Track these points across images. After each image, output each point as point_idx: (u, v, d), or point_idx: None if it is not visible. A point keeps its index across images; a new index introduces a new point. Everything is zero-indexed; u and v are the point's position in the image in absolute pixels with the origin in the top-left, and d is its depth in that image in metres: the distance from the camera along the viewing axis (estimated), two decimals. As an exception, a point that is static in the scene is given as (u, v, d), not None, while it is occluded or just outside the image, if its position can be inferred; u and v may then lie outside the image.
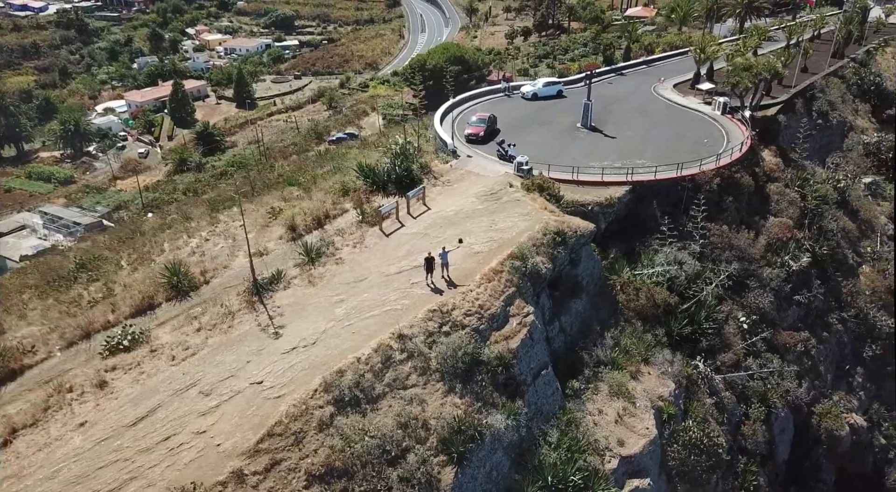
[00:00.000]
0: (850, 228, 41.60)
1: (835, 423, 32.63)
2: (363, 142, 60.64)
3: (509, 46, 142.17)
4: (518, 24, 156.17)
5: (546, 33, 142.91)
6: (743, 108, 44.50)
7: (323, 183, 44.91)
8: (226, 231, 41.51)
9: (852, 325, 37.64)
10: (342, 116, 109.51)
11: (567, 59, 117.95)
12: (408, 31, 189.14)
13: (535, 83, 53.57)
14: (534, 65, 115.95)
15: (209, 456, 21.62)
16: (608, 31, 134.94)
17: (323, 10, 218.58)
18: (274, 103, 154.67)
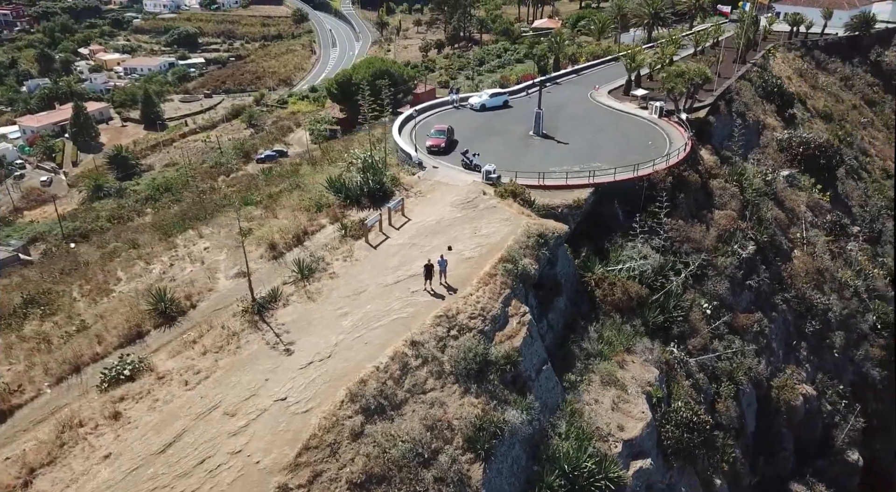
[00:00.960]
0: (781, 216, 45.90)
1: (790, 394, 36.03)
2: (311, 158, 60.62)
3: (424, 59, 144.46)
4: (430, 37, 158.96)
5: (458, 45, 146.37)
6: (678, 112, 48.26)
7: (285, 200, 45.01)
8: (191, 255, 41.06)
9: (794, 304, 41.58)
10: (266, 134, 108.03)
11: (484, 71, 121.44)
12: (319, 46, 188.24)
13: (481, 95, 55.66)
14: (453, 77, 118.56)
15: (251, 474, 21.82)
16: (518, 42, 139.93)
17: (227, 27, 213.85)
18: (186, 123, 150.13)
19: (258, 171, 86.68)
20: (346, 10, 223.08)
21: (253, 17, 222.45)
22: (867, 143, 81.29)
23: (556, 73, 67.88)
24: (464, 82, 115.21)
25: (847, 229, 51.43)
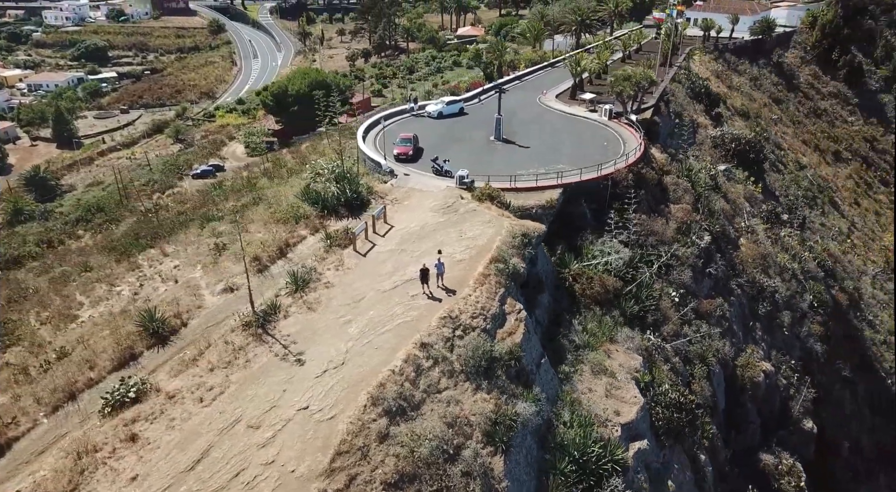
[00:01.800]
0: (726, 208, 49.35)
1: (753, 372, 38.94)
2: (266, 171, 60.01)
3: (352, 68, 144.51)
4: (355, 46, 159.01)
5: (385, 54, 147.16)
6: (627, 113, 51.05)
7: (253, 214, 44.76)
8: (160, 274, 40.47)
9: (746, 288, 44.86)
10: (198, 149, 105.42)
11: (415, 78, 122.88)
12: (239, 57, 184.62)
13: (438, 103, 56.84)
14: (384, 85, 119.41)
15: (289, 483, 22.12)
16: (445, 50, 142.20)
17: (139, 39, 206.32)
18: (103, 141, 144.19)
19: (198, 186, 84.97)
20: (264, 21, 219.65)
21: (165, 28, 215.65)
22: (780, 137, 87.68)
23: (502, 79, 70.01)
24: (398, 90, 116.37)
25: (781, 217, 55.85)
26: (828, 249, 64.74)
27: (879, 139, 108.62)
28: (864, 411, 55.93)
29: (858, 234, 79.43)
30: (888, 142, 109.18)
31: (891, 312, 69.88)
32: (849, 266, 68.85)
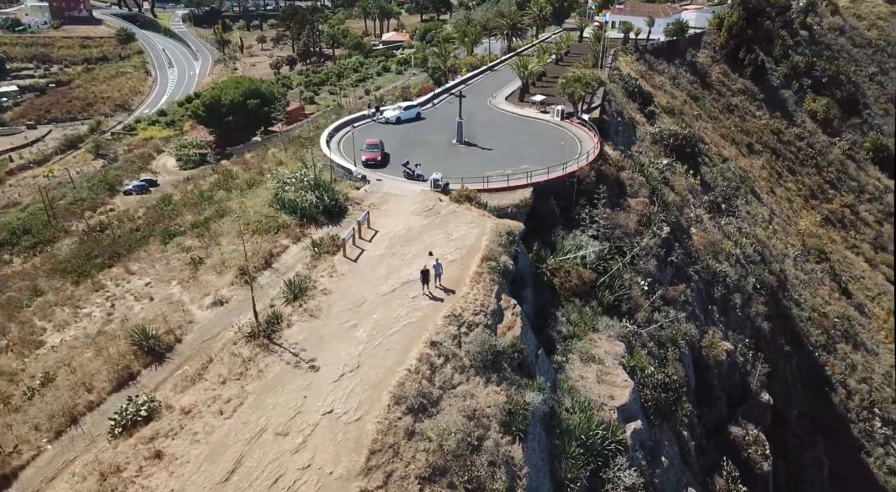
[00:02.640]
0: (676, 199, 52.53)
1: (716, 351, 41.85)
2: (221, 183, 58.92)
3: (277, 76, 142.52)
4: (278, 53, 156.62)
5: (310, 61, 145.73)
6: (579, 113, 53.45)
7: (221, 227, 44.22)
8: (132, 291, 39.71)
9: (703, 274, 48.00)
10: (125, 163, 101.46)
11: (345, 85, 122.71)
12: (153, 67, 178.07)
13: (395, 108, 57.47)
14: (315, 93, 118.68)
15: (329, 485, 22.59)
16: (371, 55, 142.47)
17: (40, 50, 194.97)
18: (10, 159, 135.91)
19: (133, 202, 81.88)
20: (177, 29, 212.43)
21: (69, 38, 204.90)
22: (702, 132, 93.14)
23: (450, 83, 71.34)
24: (329, 97, 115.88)
25: (721, 207, 59.87)
26: (756, 235, 69.64)
27: (784, 131, 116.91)
28: (797, 385, 60.68)
29: (778, 220, 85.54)
30: (792, 134, 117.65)
31: (812, 291, 75.80)
32: (773, 250, 74.20)
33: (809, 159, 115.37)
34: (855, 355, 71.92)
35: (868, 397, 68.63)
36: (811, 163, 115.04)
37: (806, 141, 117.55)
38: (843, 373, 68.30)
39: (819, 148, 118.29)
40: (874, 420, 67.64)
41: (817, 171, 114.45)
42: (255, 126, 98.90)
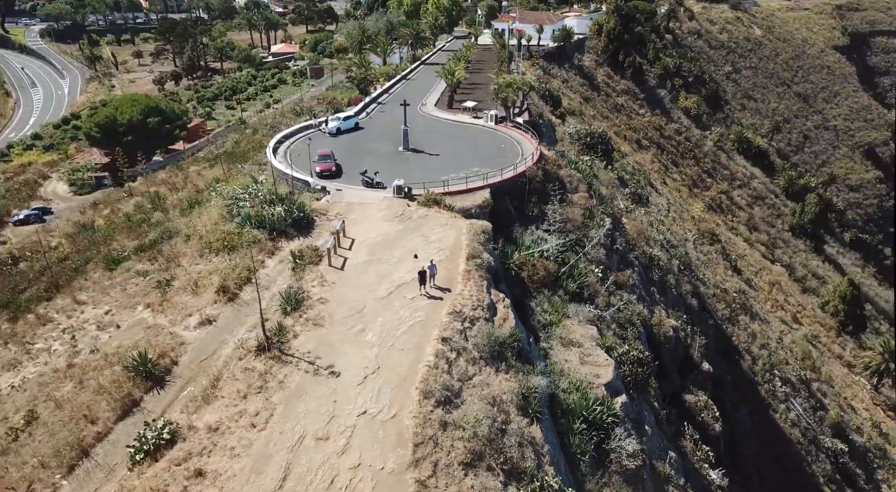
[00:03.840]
0: (605, 193, 56.62)
1: (665, 328, 45.85)
2: (156, 204, 56.62)
3: (162, 92, 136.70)
4: (159, 69, 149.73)
5: (197, 76, 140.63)
6: (512, 117, 56.24)
7: (175, 248, 43.09)
8: (91, 320, 38.43)
9: (641, 259, 52.15)
10: (6, 192, 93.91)
11: (243, 98, 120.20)
12: (13, 88, 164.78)
13: (333, 119, 57.62)
14: (210, 108, 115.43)
15: (384, 479, 23.51)
16: (264, 68, 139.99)
17: None
18: None
19: (29, 232, 76.38)
20: (35, 45, 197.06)
21: None
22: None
23: (375, 93, 72.14)
24: (226, 112, 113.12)
25: (641, 198, 64.84)
26: (662, 222, 75.83)
27: (665, 127, 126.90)
28: (714, 354, 66.95)
29: (674, 208, 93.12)
30: (671, 129, 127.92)
31: (712, 270, 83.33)
32: (676, 235, 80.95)
33: (688, 152, 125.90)
34: (753, 325, 79.83)
35: (768, 361, 76.43)
36: (690, 155, 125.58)
37: (683, 135, 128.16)
38: (746, 341, 75.67)
39: (695, 141, 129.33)
40: (775, 381, 75.47)
41: (696, 162, 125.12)
42: (154, 145, 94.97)
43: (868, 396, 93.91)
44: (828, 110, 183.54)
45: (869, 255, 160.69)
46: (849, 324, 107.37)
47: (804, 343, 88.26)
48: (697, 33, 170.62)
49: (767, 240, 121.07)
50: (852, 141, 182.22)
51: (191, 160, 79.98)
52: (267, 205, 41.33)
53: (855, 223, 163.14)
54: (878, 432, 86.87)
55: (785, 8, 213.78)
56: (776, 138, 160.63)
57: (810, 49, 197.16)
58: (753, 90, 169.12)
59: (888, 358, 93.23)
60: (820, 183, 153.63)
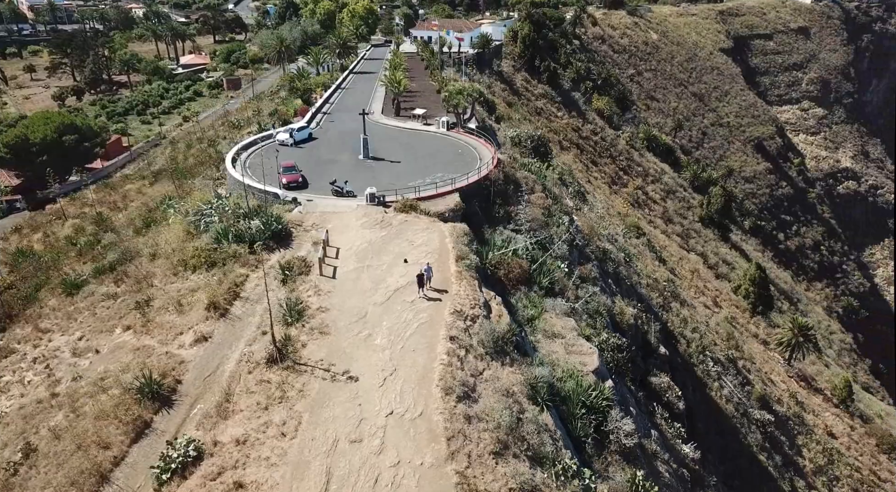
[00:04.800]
0: (556, 191, 59.28)
1: (626, 316, 48.67)
2: (106, 227, 54.38)
3: (63, 108, 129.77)
4: (56, 83, 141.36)
5: (100, 90, 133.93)
6: (464, 123, 57.79)
7: (142, 268, 41.95)
8: (63, 348, 37.19)
9: (596, 253, 54.97)
10: None
11: (158, 112, 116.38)
12: None
13: (286, 130, 57.08)
14: (123, 123, 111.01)
15: (426, 474, 24.45)
16: (176, 80, 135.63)
17: None
18: None
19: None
20: None
21: None
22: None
23: (318, 103, 71.74)
24: (141, 127, 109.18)
25: (583, 196, 68.04)
26: (603, 218, 79.71)
27: (582, 128, 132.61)
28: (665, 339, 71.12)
29: (603, 204, 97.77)
30: (588, 130, 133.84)
31: (643, 262, 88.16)
32: (609, 230, 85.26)
33: (605, 151, 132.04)
34: (683, 311, 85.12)
35: (700, 343, 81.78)
36: (606, 154, 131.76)
37: (599, 136, 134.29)
38: (680, 326, 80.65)
39: (610, 141, 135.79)
40: (708, 361, 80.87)
41: (612, 160, 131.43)
42: (70, 165, 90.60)
43: (783, 369, 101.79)
44: (721, 108, 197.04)
45: (766, 240, 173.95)
46: (759, 305, 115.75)
47: (726, 325, 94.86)
48: (601, 38, 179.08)
49: (682, 231, 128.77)
50: (743, 136, 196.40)
51: (121, 178, 76.97)
52: (241, 218, 41.02)
53: (752, 212, 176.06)
54: (794, 401, 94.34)
55: (676, 13, 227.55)
56: (679, 136, 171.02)
57: (701, 52, 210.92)
58: (655, 91, 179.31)
59: (797, 334, 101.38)
60: (720, 176, 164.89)
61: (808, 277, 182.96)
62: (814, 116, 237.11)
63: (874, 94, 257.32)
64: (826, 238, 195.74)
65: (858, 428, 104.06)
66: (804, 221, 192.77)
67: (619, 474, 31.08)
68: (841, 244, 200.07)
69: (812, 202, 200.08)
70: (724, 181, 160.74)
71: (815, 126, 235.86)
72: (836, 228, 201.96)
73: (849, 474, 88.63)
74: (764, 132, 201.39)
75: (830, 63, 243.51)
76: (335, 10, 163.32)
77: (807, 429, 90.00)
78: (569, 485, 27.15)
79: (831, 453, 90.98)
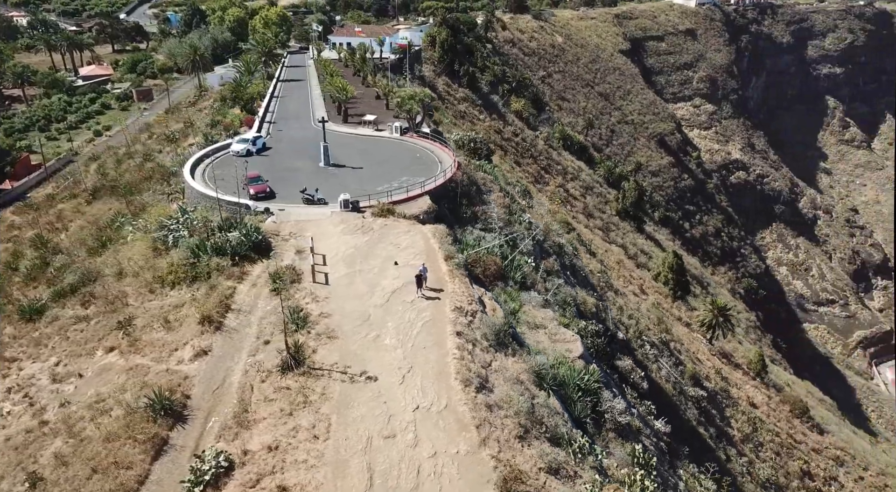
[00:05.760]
0: (508, 190, 61.41)
1: (589, 305, 51.44)
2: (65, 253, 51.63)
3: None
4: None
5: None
6: (417, 127, 58.76)
7: (110, 287, 40.66)
8: (40, 375, 35.92)
9: (553, 248, 57.41)
10: None
11: (64, 128, 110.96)
12: None
13: (240, 141, 55.93)
14: (24, 140, 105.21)
15: (464, 461, 25.59)
16: (79, 93, 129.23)
17: None
18: None
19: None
20: None
21: None
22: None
23: (262, 112, 70.51)
24: (47, 143, 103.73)
25: (527, 194, 70.56)
26: (547, 214, 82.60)
27: (503, 130, 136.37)
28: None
29: (532, 202, 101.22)
30: (509, 131, 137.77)
31: (581, 254, 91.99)
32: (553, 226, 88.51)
33: (526, 151, 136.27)
34: (619, 299, 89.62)
35: (637, 329, 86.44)
36: (528, 154, 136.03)
37: (520, 136, 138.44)
38: (618, 314, 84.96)
39: (530, 141, 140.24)
40: (645, 345, 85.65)
41: (534, 160, 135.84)
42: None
43: (706, 348, 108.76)
44: (625, 106, 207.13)
45: (675, 229, 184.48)
46: (678, 290, 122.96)
47: (656, 310, 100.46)
48: (512, 42, 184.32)
49: (602, 225, 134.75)
50: (647, 132, 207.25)
51: (45, 198, 73.13)
52: (217, 231, 40.53)
53: (661, 204, 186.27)
54: (720, 377, 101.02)
55: (577, 17, 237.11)
56: (590, 134, 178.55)
57: (602, 53, 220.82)
58: (565, 92, 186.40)
59: (716, 315, 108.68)
60: (630, 171, 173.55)
61: (713, 261, 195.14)
62: (705, 112, 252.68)
63: (754, 90, 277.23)
64: (725, 225, 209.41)
65: (774, 397, 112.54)
66: (706, 210, 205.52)
67: (618, 450, 33.25)
68: (738, 230, 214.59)
69: (711, 192, 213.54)
70: (634, 176, 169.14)
71: (706, 121, 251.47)
72: (733, 216, 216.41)
73: (770, 440, 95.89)
74: (665, 128, 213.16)
75: (716, 62, 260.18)
76: (245, 16, 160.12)
77: (732, 401, 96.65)
78: (585, 462, 28.98)
79: (755, 422, 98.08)
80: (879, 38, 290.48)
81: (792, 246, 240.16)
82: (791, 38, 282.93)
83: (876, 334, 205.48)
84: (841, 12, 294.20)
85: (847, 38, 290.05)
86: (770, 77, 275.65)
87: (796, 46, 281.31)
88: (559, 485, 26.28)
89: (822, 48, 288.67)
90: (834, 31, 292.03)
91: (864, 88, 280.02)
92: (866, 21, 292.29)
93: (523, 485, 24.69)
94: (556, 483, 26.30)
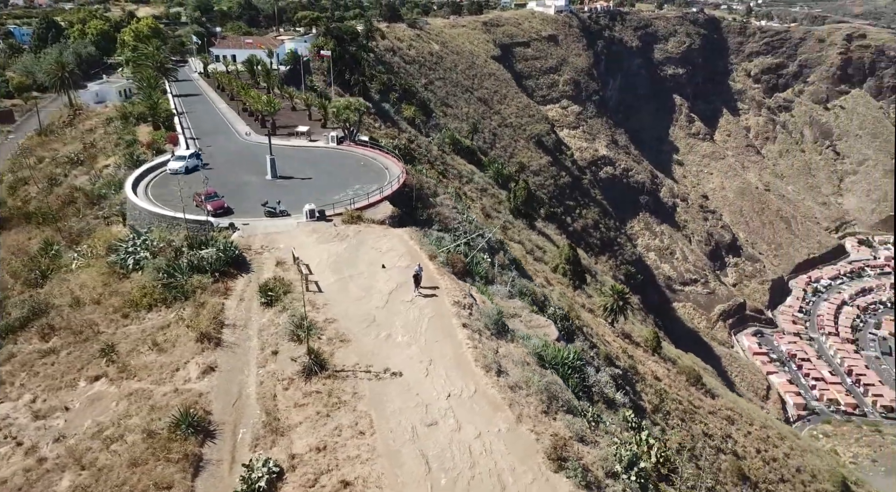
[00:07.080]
0: (452, 194, 63.46)
1: (537, 293, 54.69)
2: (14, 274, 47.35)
3: None
4: None
5: None
6: (354, 136, 59.08)
7: (68, 319, 38.67)
8: (16, 412, 34.30)
9: (495, 244, 60.11)
10: None
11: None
12: None
13: (177, 159, 53.57)
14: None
15: (507, 437, 27.44)
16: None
17: None
18: None
19: None
20: None
21: None
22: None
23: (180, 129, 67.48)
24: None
25: (461, 195, 72.93)
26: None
27: (399, 137, 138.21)
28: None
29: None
30: (404, 138, 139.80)
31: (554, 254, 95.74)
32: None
33: (423, 157, 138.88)
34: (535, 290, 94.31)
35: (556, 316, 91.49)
36: (425, 160, 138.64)
37: (415, 143, 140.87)
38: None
39: (425, 147, 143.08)
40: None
41: (431, 166, 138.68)
42: None
43: (610, 331, 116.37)
44: (503, 110, 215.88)
45: (560, 224, 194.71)
46: (576, 280, 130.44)
47: (566, 299, 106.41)
48: (392, 51, 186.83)
49: (500, 225, 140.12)
50: (525, 134, 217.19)
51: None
52: (187, 249, 39.62)
53: (545, 201, 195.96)
54: (626, 355, 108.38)
55: (448, 25, 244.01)
56: (476, 138, 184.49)
57: (477, 60, 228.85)
58: (448, 98, 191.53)
59: (617, 299, 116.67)
60: (515, 171, 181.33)
61: (595, 252, 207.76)
62: (572, 113, 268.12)
63: (612, 91, 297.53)
64: (602, 217, 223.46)
65: (671, 369, 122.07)
66: (584, 204, 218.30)
67: (610, 418, 36.35)
68: (613, 221, 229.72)
69: (587, 188, 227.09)
70: (519, 176, 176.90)
71: (574, 121, 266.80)
72: (607, 208, 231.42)
73: (675, 408, 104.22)
74: (540, 130, 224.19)
75: (578, 66, 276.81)
76: (110, 30, 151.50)
77: (640, 377, 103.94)
78: (598, 429, 31.73)
79: (661, 393, 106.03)
80: (711, 41, 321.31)
81: (657, 232, 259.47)
82: (639, 42, 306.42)
83: (732, 307, 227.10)
84: (679, 18, 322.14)
85: (685, 41, 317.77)
86: (625, 78, 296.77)
87: (644, 50, 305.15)
88: (588, 449, 28.78)
89: (665, 51, 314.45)
90: (674, 36, 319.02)
91: (703, 86, 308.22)
92: (700, 26, 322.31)
93: (566, 451, 26.91)
94: (586, 448, 28.79)
